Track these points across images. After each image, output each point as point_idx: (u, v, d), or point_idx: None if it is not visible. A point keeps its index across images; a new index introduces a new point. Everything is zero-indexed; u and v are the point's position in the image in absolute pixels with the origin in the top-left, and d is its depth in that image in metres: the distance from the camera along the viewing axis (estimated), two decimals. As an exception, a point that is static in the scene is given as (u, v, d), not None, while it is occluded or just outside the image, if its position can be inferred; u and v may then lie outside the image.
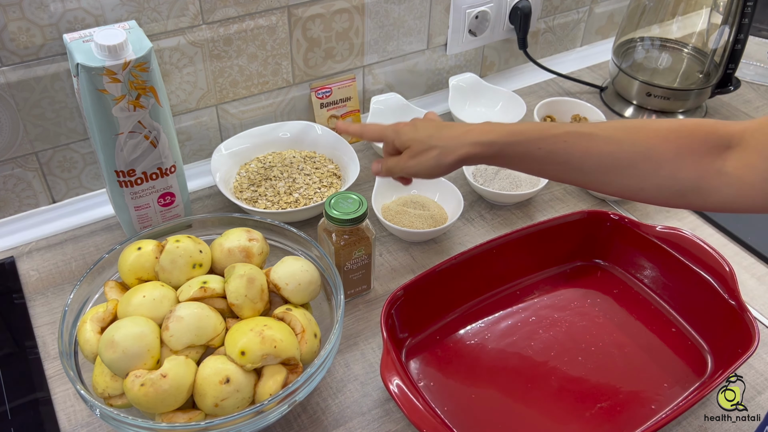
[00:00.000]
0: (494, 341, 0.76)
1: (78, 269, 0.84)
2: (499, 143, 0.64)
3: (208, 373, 0.59)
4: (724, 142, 0.58)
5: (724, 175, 0.57)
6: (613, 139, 0.61)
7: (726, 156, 0.57)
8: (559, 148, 0.62)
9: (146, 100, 0.72)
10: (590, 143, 0.61)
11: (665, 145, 0.59)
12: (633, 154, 0.60)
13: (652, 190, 0.61)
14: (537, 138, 0.63)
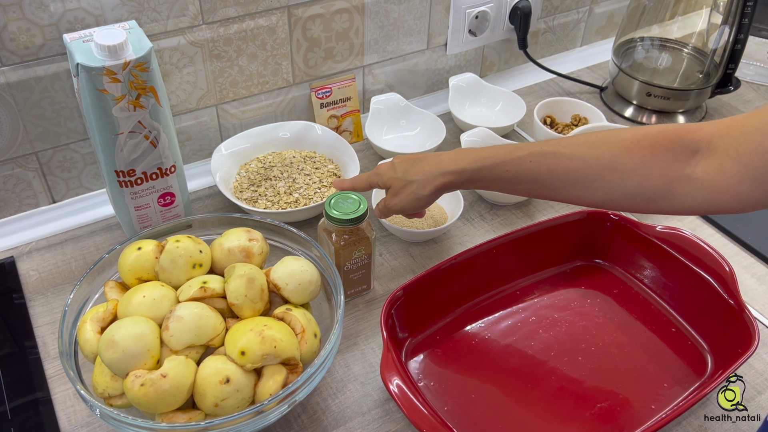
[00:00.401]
0: (494, 341, 0.76)
1: (78, 269, 0.84)
2: (468, 170, 0.68)
3: (208, 373, 0.59)
4: (692, 148, 0.58)
5: (694, 180, 0.58)
6: (577, 155, 0.62)
7: (694, 162, 0.58)
8: (525, 168, 0.65)
9: (146, 100, 0.72)
10: (555, 161, 0.63)
11: (629, 156, 0.60)
12: (598, 168, 0.62)
13: (621, 200, 0.62)
14: (503, 161, 0.66)
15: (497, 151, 0.67)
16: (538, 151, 0.65)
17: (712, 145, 0.57)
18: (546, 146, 0.65)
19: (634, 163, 0.60)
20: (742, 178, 0.55)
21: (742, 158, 0.55)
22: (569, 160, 0.63)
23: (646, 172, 0.60)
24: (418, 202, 0.71)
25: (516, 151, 0.66)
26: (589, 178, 0.62)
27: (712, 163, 0.57)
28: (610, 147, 0.61)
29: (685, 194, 0.59)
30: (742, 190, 0.55)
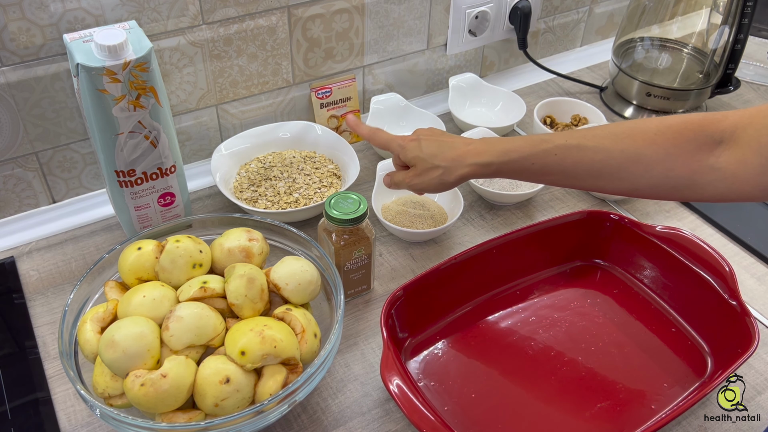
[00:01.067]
0: (494, 341, 0.76)
1: (78, 269, 0.84)
2: (495, 163, 0.68)
3: (208, 373, 0.59)
4: (715, 139, 0.59)
5: (717, 171, 0.59)
6: (602, 148, 0.64)
7: (718, 152, 0.59)
8: (551, 161, 0.66)
9: (146, 100, 0.72)
10: (580, 154, 0.65)
11: (653, 148, 0.61)
12: (622, 160, 0.63)
13: (646, 189, 0.64)
14: (529, 154, 0.67)
15: (523, 144, 0.68)
16: (563, 144, 0.65)
17: (735, 136, 0.58)
18: (570, 138, 0.66)
19: (658, 155, 0.61)
20: (763, 170, 0.57)
21: (763, 150, 0.56)
22: (594, 153, 0.64)
23: (670, 164, 0.61)
24: (441, 186, 0.72)
25: (541, 144, 0.67)
26: (613, 169, 0.63)
27: (734, 154, 0.58)
28: (634, 139, 0.62)
29: (708, 184, 0.60)
30: (763, 180, 0.57)
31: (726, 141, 0.59)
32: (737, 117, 0.59)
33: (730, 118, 0.59)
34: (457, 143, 0.72)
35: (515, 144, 0.69)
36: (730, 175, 0.58)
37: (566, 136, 0.66)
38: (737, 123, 0.59)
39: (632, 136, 0.63)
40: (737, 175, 0.58)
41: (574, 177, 0.66)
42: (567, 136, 0.66)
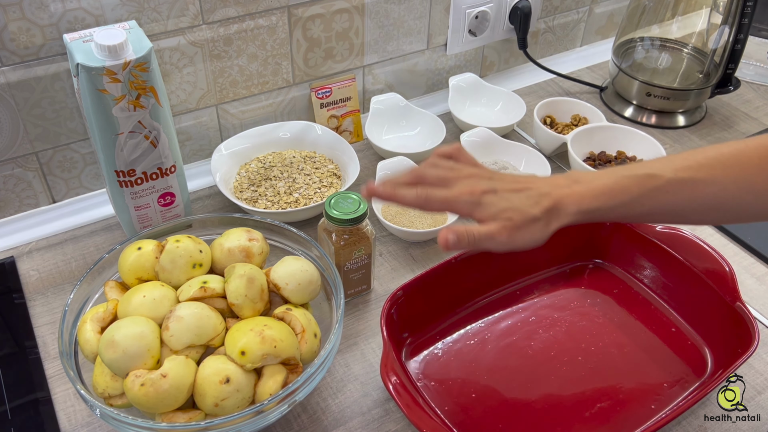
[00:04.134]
0: (494, 341, 0.76)
1: (78, 269, 0.84)
2: (602, 209, 0.60)
3: (208, 373, 0.59)
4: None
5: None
6: (715, 180, 0.59)
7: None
8: (662, 200, 0.60)
9: (146, 100, 0.72)
10: (693, 189, 0.59)
11: (763, 175, 0.58)
12: (734, 191, 0.59)
13: (748, 217, 0.61)
14: (640, 195, 0.60)
15: (629, 183, 0.60)
16: (674, 179, 0.59)
17: None
18: (680, 171, 0.59)
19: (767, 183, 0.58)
20: None
21: None
22: (705, 186, 0.59)
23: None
24: (543, 240, 0.62)
25: (650, 181, 0.60)
26: (724, 202, 0.59)
27: None
28: (743, 167, 0.59)
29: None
30: None
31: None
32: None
33: None
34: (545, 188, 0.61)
35: (619, 183, 0.60)
36: None
37: (673, 168, 0.60)
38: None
39: (740, 163, 0.59)
40: None
41: (681, 215, 0.61)
42: (674, 167, 0.60)
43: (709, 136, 1.11)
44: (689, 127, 1.13)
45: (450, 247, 0.60)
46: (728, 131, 1.12)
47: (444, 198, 0.61)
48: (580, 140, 1.00)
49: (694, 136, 1.11)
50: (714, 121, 1.15)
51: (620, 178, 0.60)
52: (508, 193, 0.61)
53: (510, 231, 0.60)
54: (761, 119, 1.15)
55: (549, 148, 1.03)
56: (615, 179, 0.60)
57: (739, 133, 1.12)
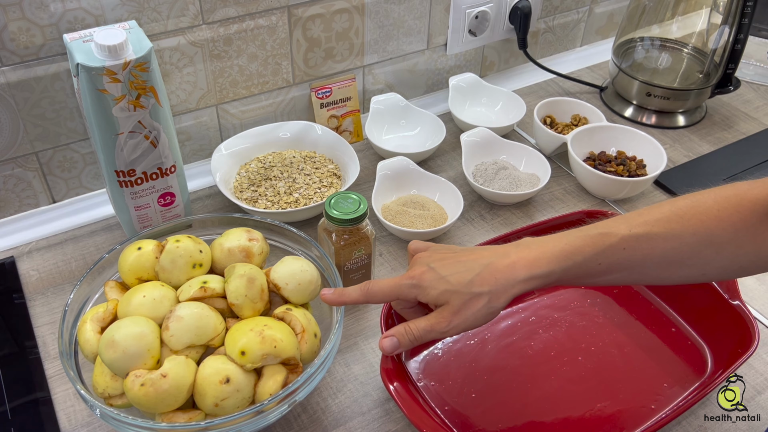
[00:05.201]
0: (494, 341, 0.76)
1: (78, 269, 0.84)
2: (556, 272, 0.57)
3: (208, 372, 0.59)
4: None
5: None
6: (672, 234, 0.57)
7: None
8: (619, 258, 0.57)
9: (146, 100, 0.72)
10: (650, 244, 0.57)
11: (722, 226, 0.57)
12: (694, 244, 0.57)
13: (714, 273, 0.59)
14: (594, 254, 0.57)
15: (583, 244, 0.58)
16: (629, 236, 0.57)
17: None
18: (634, 227, 0.57)
19: (727, 233, 0.56)
20: None
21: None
22: (664, 241, 0.57)
23: (740, 241, 0.57)
24: (491, 316, 0.58)
25: (605, 239, 0.57)
26: (684, 257, 0.57)
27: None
28: (701, 219, 0.57)
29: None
30: None
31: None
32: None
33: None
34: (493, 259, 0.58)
35: (572, 244, 0.58)
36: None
37: (627, 225, 0.58)
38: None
39: (698, 216, 0.57)
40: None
41: (641, 272, 0.59)
42: (627, 224, 0.58)
43: (709, 136, 1.11)
44: (689, 127, 1.13)
45: (390, 353, 0.60)
46: (728, 131, 1.12)
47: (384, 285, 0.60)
48: (580, 140, 1.00)
49: (694, 136, 1.11)
50: (714, 121, 1.15)
51: (573, 239, 0.58)
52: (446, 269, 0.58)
53: (449, 317, 0.57)
54: (761, 119, 1.15)
55: (549, 148, 1.03)
56: (567, 240, 0.58)
57: (739, 133, 1.12)
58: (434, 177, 0.94)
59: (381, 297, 0.61)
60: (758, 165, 1.04)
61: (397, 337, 0.59)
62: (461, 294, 0.57)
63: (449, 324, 0.57)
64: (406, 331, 0.59)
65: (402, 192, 0.94)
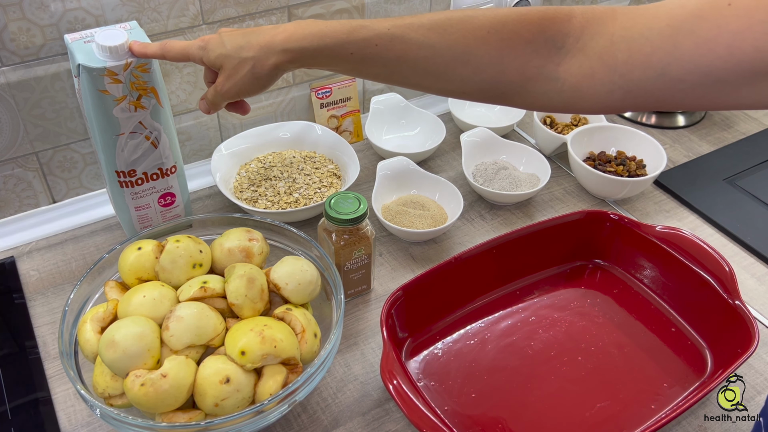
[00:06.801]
0: (494, 341, 0.76)
1: (78, 269, 0.84)
2: (309, 49, 0.59)
3: (208, 372, 0.59)
4: (556, 44, 0.53)
5: (554, 81, 0.53)
6: (428, 43, 0.56)
7: (557, 59, 0.53)
8: (371, 52, 0.58)
9: (147, 101, 0.72)
10: (403, 47, 0.57)
11: (485, 49, 0.54)
12: (449, 59, 0.56)
13: (474, 93, 0.58)
14: (345, 42, 0.58)
15: (339, 29, 0.59)
16: (385, 34, 0.57)
17: (581, 44, 0.52)
18: (394, 27, 0.57)
19: (490, 56, 0.54)
20: (613, 87, 0.51)
21: (619, 67, 0.50)
22: (418, 48, 0.56)
23: (503, 68, 0.54)
24: (256, 83, 0.62)
25: (360, 31, 0.58)
26: (440, 69, 0.56)
27: (579, 65, 0.52)
28: (464, 35, 0.55)
29: (542, 93, 0.55)
30: (611, 98, 0.51)
31: (569, 48, 0.52)
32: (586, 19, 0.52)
33: (577, 19, 0.52)
34: (264, 30, 0.62)
35: (331, 28, 0.59)
36: (570, 87, 0.52)
37: (391, 24, 0.57)
38: (585, 28, 0.52)
39: (463, 30, 0.55)
40: (579, 89, 0.52)
41: (398, 73, 0.59)
42: (392, 23, 0.57)
43: (709, 136, 1.11)
44: (689, 127, 1.13)
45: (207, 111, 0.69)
46: (728, 131, 1.12)
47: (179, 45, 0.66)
48: (580, 140, 1.00)
49: (694, 136, 1.11)
50: (714, 121, 1.15)
51: (334, 24, 0.59)
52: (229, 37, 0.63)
53: (223, 81, 0.64)
54: (761, 119, 1.15)
55: (549, 148, 1.03)
56: (332, 26, 0.59)
57: (739, 133, 1.12)
58: (434, 177, 0.94)
59: (174, 54, 0.66)
60: (758, 165, 1.04)
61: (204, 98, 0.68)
62: (232, 58, 0.62)
63: (223, 86, 0.64)
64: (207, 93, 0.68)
65: (402, 192, 0.94)
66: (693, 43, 0.46)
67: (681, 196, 0.98)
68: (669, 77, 0.48)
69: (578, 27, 0.52)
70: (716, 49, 0.45)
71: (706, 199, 0.97)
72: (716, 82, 0.47)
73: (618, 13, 0.52)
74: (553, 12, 0.53)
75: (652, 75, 0.49)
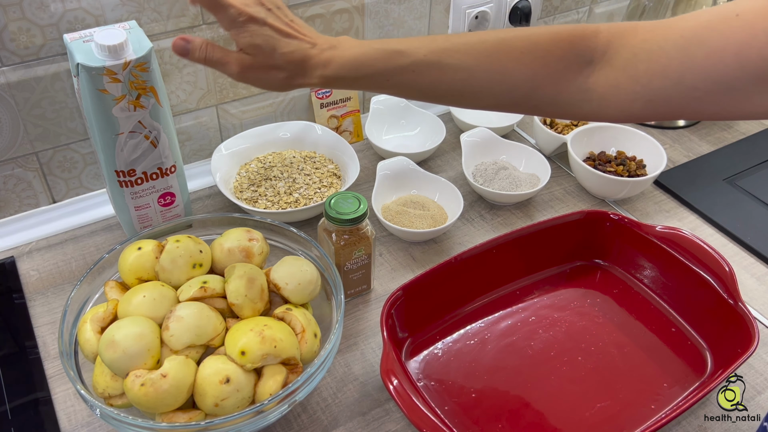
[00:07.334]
0: (494, 341, 0.76)
1: (78, 269, 0.84)
2: (346, 79, 0.60)
3: (208, 372, 0.59)
4: (585, 58, 0.56)
5: (585, 92, 0.57)
6: (463, 66, 0.58)
7: (587, 72, 0.56)
8: (407, 79, 0.59)
9: (146, 100, 0.72)
10: (439, 73, 0.59)
11: (519, 68, 0.57)
12: (485, 81, 0.58)
13: (510, 107, 0.61)
14: (385, 70, 0.59)
15: (376, 57, 0.59)
16: (421, 61, 0.58)
17: (607, 57, 0.56)
18: (431, 54, 0.59)
19: (524, 75, 0.57)
20: (635, 97, 0.54)
21: (640, 78, 0.54)
22: (454, 72, 0.58)
23: (537, 83, 0.58)
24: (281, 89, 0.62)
25: (397, 59, 0.59)
26: (475, 90, 0.59)
27: (606, 77, 0.56)
28: (499, 57, 0.58)
29: (574, 104, 0.58)
30: (633, 107, 0.55)
31: (597, 61, 0.56)
32: (611, 35, 0.56)
33: (602, 35, 0.56)
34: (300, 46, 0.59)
35: (368, 56, 0.59)
36: (598, 97, 0.56)
37: (427, 51, 0.59)
38: (611, 42, 0.55)
39: (497, 54, 0.58)
40: (606, 99, 0.56)
41: (434, 97, 0.61)
42: (428, 49, 0.59)
43: (709, 136, 1.11)
44: (689, 127, 1.13)
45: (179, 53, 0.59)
46: (728, 131, 1.12)
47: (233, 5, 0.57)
48: (580, 140, 1.00)
49: (694, 136, 1.11)
50: (714, 122, 1.15)
51: (372, 51, 0.59)
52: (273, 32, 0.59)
53: (245, 68, 0.59)
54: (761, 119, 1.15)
55: (549, 148, 1.03)
56: (365, 51, 0.59)
57: (739, 133, 1.12)
58: (434, 177, 0.94)
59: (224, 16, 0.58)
60: (758, 165, 1.04)
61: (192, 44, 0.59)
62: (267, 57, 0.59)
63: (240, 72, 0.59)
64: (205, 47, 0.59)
65: (402, 192, 0.94)
66: (704, 52, 0.50)
67: (681, 196, 0.98)
68: (685, 86, 0.51)
69: (604, 42, 0.56)
70: (725, 58, 0.49)
71: (706, 199, 0.97)
72: (729, 89, 0.50)
73: (639, 28, 0.55)
74: (581, 29, 0.57)
75: (669, 84, 0.52)
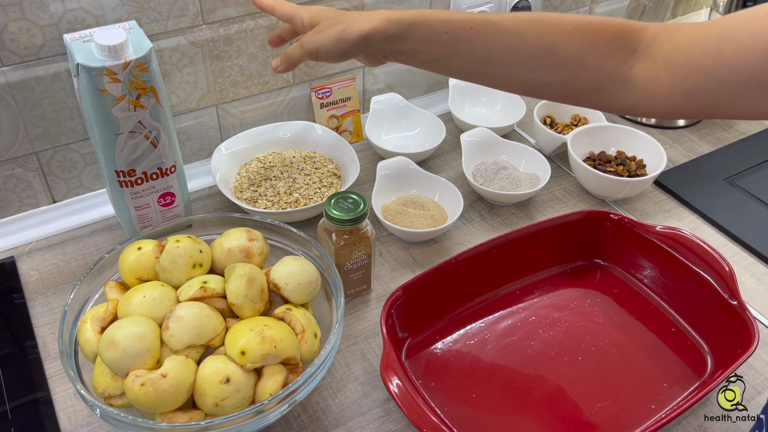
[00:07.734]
0: (494, 341, 0.76)
1: (78, 269, 0.84)
2: (406, 21, 0.62)
3: (208, 372, 0.59)
4: (632, 48, 0.58)
5: (628, 81, 0.58)
6: (519, 32, 0.60)
7: (631, 62, 0.58)
8: (465, 34, 0.61)
9: (146, 100, 0.72)
10: (496, 33, 0.61)
11: (570, 41, 0.59)
12: (537, 48, 0.60)
13: (556, 86, 0.62)
14: (444, 20, 0.62)
15: (440, 12, 0.64)
16: (481, 19, 0.61)
17: (651, 49, 0.57)
18: (490, 16, 0.62)
19: (573, 49, 0.59)
20: (674, 90, 0.56)
21: (678, 71, 0.55)
22: (510, 35, 0.61)
23: (584, 62, 0.59)
24: (341, 44, 0.64)
25: (459, 14, 0.63)
26: (527, 57, 0.61)
27: (648, 68, 0.57)
28: (553, 28, 0.60)
29: (617, 93, 0.59)
30: (672, 101, 0.56)
31: (642, 53, 0.58)
32: (658, 31, 0.58)
33: (650, 30, 0.58)
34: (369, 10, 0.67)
35: (432, 10, 0.64)
36: (640, 88, 0.58)
37: (486, 14, 0.62)
38: (656, 36, 0.57)
39: (551, 24, 0.60)
40: (647, 90, 0.57)
41: (486, 61, 0.62)
42: (487, 14, 0.63)
43: (709, 136, 1.11)
44: (689, 127, 1.13)
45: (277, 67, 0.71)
46: (728, 131, 1.12)
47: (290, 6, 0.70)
48: (580, 140, 1.00)
49: (694, 136, 1.11)
50: (714, 122, 1.15)
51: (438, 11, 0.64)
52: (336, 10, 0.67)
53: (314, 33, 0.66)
54: (761, 119, 1.15)
55: (549, 148, 1.03)
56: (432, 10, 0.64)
57: (739, 133, 1.12)
58: (434, 177, 0.94)
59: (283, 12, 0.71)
60: (758, 165, 1.04)
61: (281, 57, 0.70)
62: (330, 18, 0.66)
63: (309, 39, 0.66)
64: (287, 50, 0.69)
65: (402, 192, 0.94)
66: (734, 48, 0.52)
67: (681, 196, 0.98)
68: (718, 80, 0.53)
69: (650, 36, 0.58)
70: (754, 53, 0.50)
71: (706, 199, 0.97)
72: (761, 85, 0.51)
73: (683, 26, 0.57)
74: (632, 23, 0.60)
75: (703, 78, 0.54)
